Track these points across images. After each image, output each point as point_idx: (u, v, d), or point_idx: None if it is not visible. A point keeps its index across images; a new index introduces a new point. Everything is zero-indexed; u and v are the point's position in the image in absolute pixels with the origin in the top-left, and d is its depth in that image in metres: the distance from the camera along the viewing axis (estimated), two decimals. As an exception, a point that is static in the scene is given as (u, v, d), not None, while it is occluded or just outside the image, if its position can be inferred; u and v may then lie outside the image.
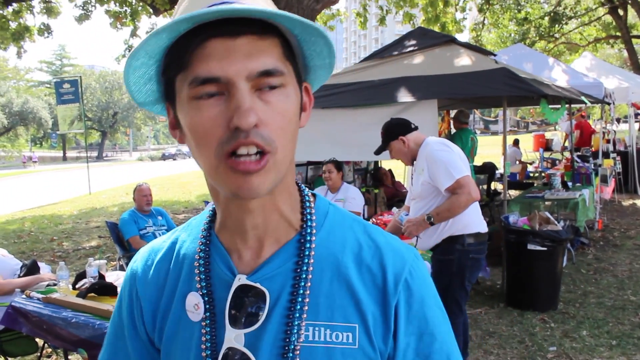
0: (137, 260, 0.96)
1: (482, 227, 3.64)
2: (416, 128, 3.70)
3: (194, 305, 0.85)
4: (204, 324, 0.83)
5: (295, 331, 0.79)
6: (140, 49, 0.72)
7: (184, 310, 0.86)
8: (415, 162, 3.70)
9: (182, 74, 0.74)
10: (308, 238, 0.83)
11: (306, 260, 0.82)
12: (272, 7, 0.73)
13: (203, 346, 0.82)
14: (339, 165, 5.70)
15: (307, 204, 0.87)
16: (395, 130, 3.68)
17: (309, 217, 0.85)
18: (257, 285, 0.81)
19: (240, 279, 0.82)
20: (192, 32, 0.71)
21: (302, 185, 0.90)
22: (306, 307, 0.80)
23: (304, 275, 0.81)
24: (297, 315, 0.79)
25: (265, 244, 0.84)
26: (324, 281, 0.82)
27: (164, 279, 0.90)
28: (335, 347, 0.79)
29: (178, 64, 0.74)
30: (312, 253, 0.82)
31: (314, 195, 0.91)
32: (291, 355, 0.78)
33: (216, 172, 0.75)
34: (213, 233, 0.88)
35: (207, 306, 0.84)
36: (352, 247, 0.84)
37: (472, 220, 3.57)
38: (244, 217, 0.82)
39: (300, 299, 0.80)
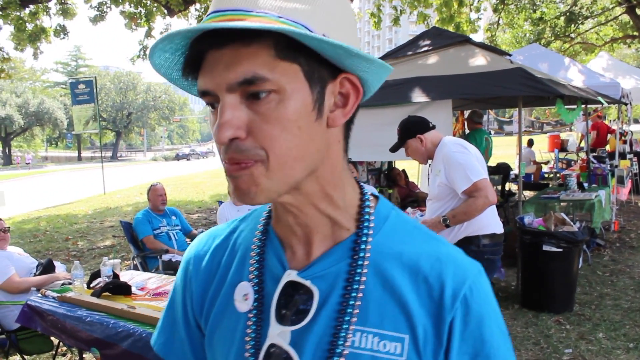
0: (195, 245, 0.96)
1: (498, 228, 3.61)
2: (434, 127, 3.68)
3: (244, 295, 0.84)
4: (250, 315, 0.82)
5: (343, 335, 0.76)
6: (156, 68, 0.75)
7: (232, 299, 0.85)
8: (431, 162, 3.67)
9: None
10: (364, 239, 0.80)
11: (360, 263, 0.79)
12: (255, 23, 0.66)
13: (247, 338, 0.81)
14: (353, 165, 5.68)
15: (366, 207, 0.83)
16: (413, 128, 3.65)
17: (366, 218, 0.82)
18: (307, 282, 0.79)
19: (290, 275, 0.80)
20: (194, 44, 0.71)
21: (364, 185, 0.87)
22: (356, 311, 0.77)
23: (357, 278, 0.78)
24: (347, 318, 0.77)
25: (314, 242, 0.82)
26: (376, 286, 0.78)
27: (217, 266, 0.90)
28: (381, 357, 0.76)
29: (195, 77, 0.75)
30: (368, 255, 0.79)
31: (376, 197, 0.87)
32: (337, 359, 0.76)
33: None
34: (270, 225, 0.87)
35: (257, 296, 0.83)
36: (409, 255, 0.80)
37: (488, 221, 3.54)
38: (284, 213, 0.81)
39: (351, 302, 0.77)
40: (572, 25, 20.44)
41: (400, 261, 0.80)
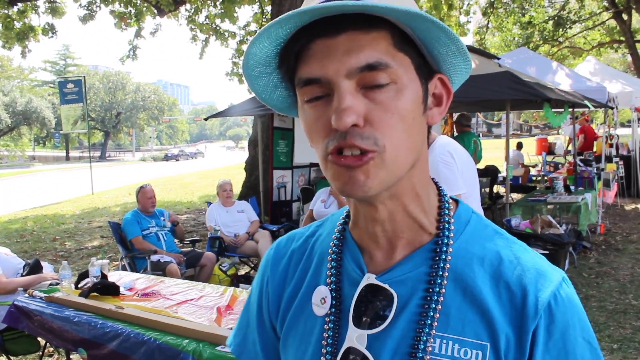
0: (274, 247, 0.96)
1: None
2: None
3: (321, 299, 0.83)
4: (327, 319, 0.81)
5: (424, 339, 0.74)
6: (248, 60, 0.73)
7: (309, 303, 0.85)
8: None
9: (294, 78, 0.75)
10: (445, 243, 0.78)
11: (442, 265, 0.77)
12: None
13: (324, 342, 0.80)
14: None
15: (446, 210, 0.82)
16: None
17: (447, 223, 0.80)
18: (386, 286, 0.78)
19: (369, 278, 0.79)
20: (297, 35, 0.71)
21: (444, 189, 0.86)
22: (437, 316, 0.75)
23: (438, 281, 0.76)
24: (428, 322, 0.75)
25: (396, 246, 0.80)
26: (457, 292, 0.76)
27: (295, 269, 0.90)
28: None
29: (289, 68, 0.74)
30: (449, 258, 0.78)
31: (456, 201, 0.86)
32: None
33: (325, 169, 0.74)
34: (347, 230, 0.86)
35: (334, 302, 0.82)
36: (491, 261, 0.78)
37: None
38: (371, 216, 0.79)
39: (432, 306, 0.75)
40: (560, 30, 20.63)
41: (482, 266, 0.78)
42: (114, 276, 4.05)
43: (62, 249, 9.12)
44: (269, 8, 12.72)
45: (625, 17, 18.67)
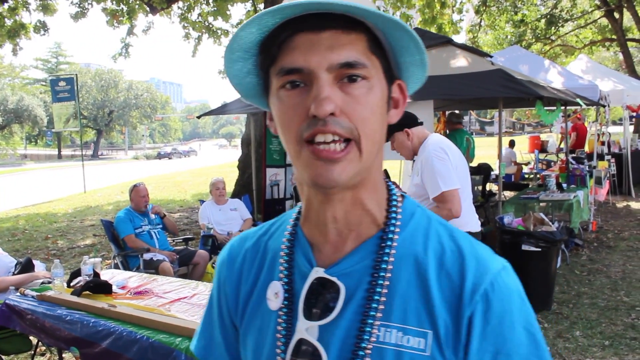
0: (227, 248, 1.00)
1: (474, 226, 3.65)
2: (421, 123, 3.69)
3: (274, 293, 0.86)
4: (280, 312, 0.85)
5: (368, 329, 0.78)
6: (233, 42, 0.77)
7: (264, 298, 0.88)
8: (415, 158, 3.69)
9: (273, 67, 0.78)
10: (390, 236, 0.82)
11: (385, 259, 0.80)
12: (361, 2, 0.72)
13: (278, 335, 0.84)
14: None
15: (394, 202, 0.86)
16: (401, 121, 3.65)
17: (394, 214, 0.84)
18: (334, 279, 0.81)
19: (317, 272, 0.82)
20: (281, 27, 0.76)
21: (391, 183, 0.90)
22: (381, 307, 0.78)
23: (382, 274, 0.80)
24: (372, 313, 0.78)
25: (346, 239, 0.84)
26: (401, 282, 0.80)
27: (249, 267, 0.93)
28: (405, 351, 0.77)
29: (269, 57, 0.78)
30: (393, 252, 0.81)
31: (402, 195, 0.89)
32: (362, 353, 0.77)
33: (299, 157, 0.77)
34: (299, 226, 0.90)
35: (286, 295, 0.85)
36: (434, 251, 0.81)
37: (466, 220, 3.57)
38: (325, 209, 0.83)
39: (376, 297, 0.79)
40: (553, 28, 20.73)
41: (425, 257, 0.81)
42: (106, 274, 4.03)
43: (54, 247, 9.08)
44: (261, 5, 12.69)
45: (616, 15, 18.77)
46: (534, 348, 0.77)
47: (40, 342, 4.17)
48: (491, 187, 10.11)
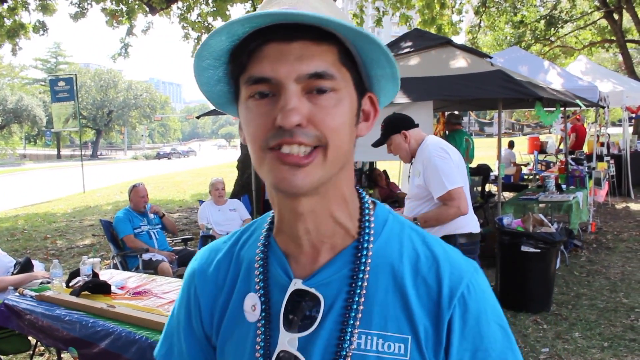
0: (198, 259, 0.99)
1: (474, 227, 3.66)
2: (417, 126, 3.70)
3: (252, 306, 0.87)
4: (259, 324, 0.85)
5: (348, 338, 0.79)
6: (203, 50, 0.77)
7: (242, 310, 0.88)
8: (413, 161, 3.69)
9: (242, 75, 0.78)
10: (365, 246, 0.83)
11: (362, 268, 0.82)
12: (334, 15, 0.72)
13: (257, 346, 0.84)
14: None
15: (367, 211, 0.87)
16: (398, 123, 3.66)
17: (367, 224, 0.85)
18: (313, 290, 0.82)
19: (296, 284, 0.83)
20: (251, 36, 0.75)
21: (363, 192, 0.90)
22: (360, 315, 0.80)
23: (359, 283, 0.81)
24: (351, 322, 0.80)
25: (321, 250, 0.85)
26: (379, 290, 0.82)
27: (224, 278, 0.93)
28: (386, 357, 0.79)
29: (239, 65, 0.78)
30: (369, 261, 0.83)
31: (374, 202, 0.90)
32: None
33: (261, 163, 0.78)
34: (272, 236, 0.90)
35: (264, 306, 0.85)
36: (409, 257, 0.83)
37: (466, 221, 3.58)
38: (296, 221, 0.83)
39: (354, 307, 0.80)
40: (552, 29, 20.73)
41: (401, 264, 0.83)
42: (105, 275, 4.03)
43: (53, 247, 9.07)
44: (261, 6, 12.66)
45: (616, 16, 18.77)
46: (507, 342, 0.82)
47: (39, 342, 4.16)
48: (490, 188, 10.11)
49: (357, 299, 0.80)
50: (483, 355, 0.80)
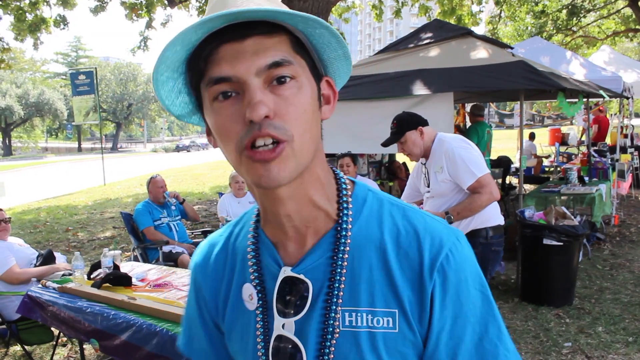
0: (198, 253, 1.04)
1: (501, 219, 3.64)
2: (427, 123, 3.65)
3: (249, 295, 0.92)
4: (257, 312, 0.90)
5: (332, 315, 0.83)
6: (160, 64, 0.77)
7: (241, 300, 0.93)
8: (428, 158, 3.63)
9: (202, 81, 0.80)
10: (344, 227, 0.86)
11: (341, 249, 0.85)
12: (278, 7, 0.75)
13: (257, 332, 0.89)
14: (354, 158, 5.69)
15: (344, 193, 0.89)
16: (414, 120, 3.61)
17: (345, 206, 0.88)
18: (301, 276, 0.86)
19: (285, 271, 0.87)
20: (205, 42, 0.77)
21: (339, 172, 0.92)
22: (341, 294, 0.84)
23: (339, 263, 0.84)
24: (334, 300, 0.84)
25: (306, 235, 0.88)
26: (363, 268, 0.85)
27: (222, 270, 0.98)
28: (377, 332, 0.83)
29: (197, 72, 0.80)
30: (348, 242, 0.85)
31: (352, 182, 0.93)
32: (329, 337, 0.84)
33: (239, 164, 0.79)
34: (260, 227, 0.94)
35: (260, 295, 0.90)
36: (390, 233, 0.86)
37: (492, 213, 3.55)
38: (277, 209, 0.86)
39: (336, 285, 0.84)
40: (574, 19, 20.36)
41: (383, 240, 0.85)
42: (126, 267, 4.06)
43: (74, 239, 9.19)
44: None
45: (640, 5, 18.38)
46: (489, 307, 0.85)
47: (61, 334, 4.21)
48: (511, 180, 10.00)
49: (337, 277, 0.84)
50: (462, 322, 0.83)
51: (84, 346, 4.03)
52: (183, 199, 6.30)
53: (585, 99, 7.29)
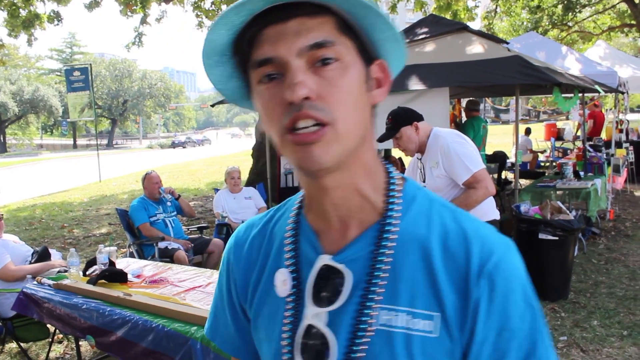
0: (235, 235, 1.02)
1: (496, 214, 3.65)
2: (422, 118, 3.65)
3: (282, 281, 0.89)
4: (289, 299, 0.87)
5: (367, 312, 0.80)
6: (206, 47, 0.79)
7: (272, 285, 0.90)
8: (423, 154, 3.64)
9: (248, 64, 0.80)
10: (390, 222, 0.83)
11: (385, 244, 0.82)
12: None
13: (285, 321, 0.86)
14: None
15: (393, 187, 0.86)
16: (409, 115, 3.61)
17: (393, 200, 0.85)
18: (340, 266, 0.83)
19: (324, 259, 0.85)
20: (249, 25, 0.77)
21: (390, 166, 0.90)
22: (382, 290, 0.80)
23: (381, 259, 0.81)
24: (370, 297, 0.80)
25: (350, 225, 0.85)
26: (406, 267, 0.81)
27: (257, 254, 0.96)
28: (414, 334, 0.79)
29: (243, 55, 0.80)
30: (394, 237, 0.82)
31: (403, 178, 0.90)
32: (361, 334, 0.80)
33: (282, 147, 0.79)
34: (302, 213, 0.92)
35: (294, 282, 0.87)
36: (438, 234, 0.82)
37: (488, 208, 3.56)
38: (322, 197, 0.84)
39: (375, 281, 0.81)
40: (570, 14, 20.35)
41: (429, 240, 0.82)
42: (121, 263, 4.05)
43: (70, 236, 9.16)
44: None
45: (636, 0, 18.41)
46: (537, 323, 0.80)
47: (57, 330, 4.20)
48: (507, 175, 10.03)
49: (378, 273, 0.81)
50: (508, 335, 0.78)
51: (80, 343, 4.02)
52: (178, 195, 6.29)
53: (580, 94, 7.30)
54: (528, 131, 14.03)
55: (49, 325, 4.20)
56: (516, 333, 0.78)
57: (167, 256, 5.41)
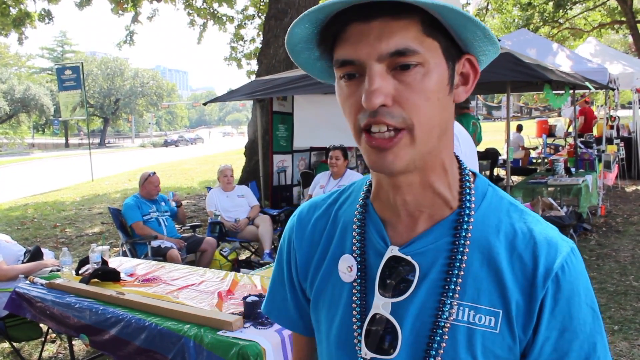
0: (297, 214, 1.03)
1: None
2: None
3: (347, 267, 0.90)
4: (355, 284, 0.88)
5: (447, 309, 0.81)
6: (290, 39, 0.80)
7: (336, 269, 0.92)
8: None
9: (333, 54, 0.81)
10: (466, 219, 0.84)
11: (462, 241, 0.83)
12: None
13: (354, 305, 0.87)
14: (345, 152, 5.69)
15: (467, 184, 0.87)
16: None
17: (468, 197, 0.86)
18: (409, 258, 0.84)
19: (393, 250, 0.85)
20: (334, 18, 0.77)
21: (463, 162, 0.90)
22: (459, 288, 0.81)
23: (459, 256, 0.82)
24: (450, 294, 0.81)
25: (418, 219, 0.86)
26: (474, 263, 0.82)
27: (320, 236, 0.97)
28: (476, 329, 0.81)
29: (328, 47, 0.81)
30: (469, 235, 0.83)
31: (474, 174, 0.90)
32: (440, 332, 0.81)
33: (358, 143, 0.81)
34: (369, 201, 0.92)
35: (360, 267, 0.88)
36: (506, 233, 0.84)
37: None
38: (394, 193, 0.85)
39: (454, 279, 0.81)
40: (561, 11, 20.48)
41: (497, 238, 0.83)
42: (114, 262, 4.04)
43: (62, 235, 9.13)
44: (266, -9, 12.60)
45: (626, -3, 18.50)
46: (597, 325, 0.82)
47: (50, 329, 4.20)
48: (499, 172, 10.07)
49: (456, 271, 0.81)
50: (570, 336, 0.80)
51: (73, 342, 4.02)
52: (180, 203, 6.32)
53: (571, 91, 7.34)
54: (520, 128, 14.09)
55: (41, 325, 4.19)
56: (578, 334, 0.80)
57: (160, 255, 5.40)
